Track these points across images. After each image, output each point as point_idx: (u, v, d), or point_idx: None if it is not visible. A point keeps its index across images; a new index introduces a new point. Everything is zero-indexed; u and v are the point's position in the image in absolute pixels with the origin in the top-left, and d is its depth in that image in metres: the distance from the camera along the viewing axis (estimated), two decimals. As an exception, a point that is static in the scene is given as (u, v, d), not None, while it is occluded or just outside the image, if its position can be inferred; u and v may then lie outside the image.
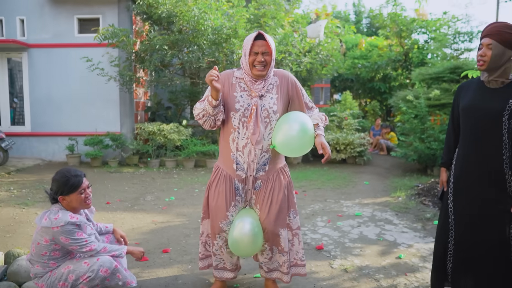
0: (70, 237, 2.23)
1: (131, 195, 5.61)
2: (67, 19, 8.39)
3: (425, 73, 8.97)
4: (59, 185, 2.30)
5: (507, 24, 2.17)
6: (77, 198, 2.32)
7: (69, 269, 2.27)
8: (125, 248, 2.47)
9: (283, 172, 2.51)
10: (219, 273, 2.61)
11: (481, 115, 2.25)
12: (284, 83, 2.43)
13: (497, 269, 2.23)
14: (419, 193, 5.71)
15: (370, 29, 19.77)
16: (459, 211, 2.35)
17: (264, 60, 2.30)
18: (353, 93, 14.16)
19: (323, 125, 2.46)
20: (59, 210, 2.29)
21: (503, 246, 2.22)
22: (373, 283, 2.90)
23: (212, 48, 7.61)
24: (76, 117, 8.55)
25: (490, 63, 2.18)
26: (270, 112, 2.36)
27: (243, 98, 2.37)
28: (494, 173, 2.23)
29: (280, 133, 2.30)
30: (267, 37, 2.29)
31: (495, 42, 2.15)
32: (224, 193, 2.44)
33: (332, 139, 8.42)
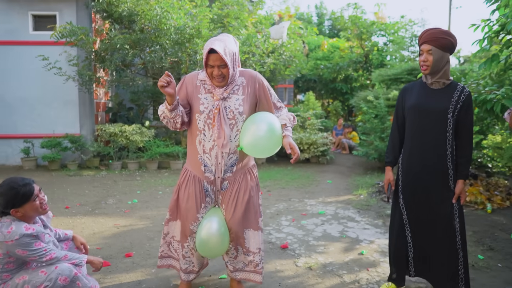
0: (27, 249, 2.10)
1: (92, 199, 5.43)
2: (21, 15, 7.99)
3: (385, 74, 9.29)
4: (8, 199, 2.12)
5: (441, 30, 2.38)
6: (32, 206, 2.18)
7: (24, 279, 2.16)
8: (86, 257, 2.35)
9: (251, 173, 2.50)
10: (187, 276, 2.58)
11: (427, 114, 2.43)
12: (251, 83, 2.39)
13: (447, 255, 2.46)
14: (379, 191, 5.90)
15: (332, 31, 20.22)
16: (410, 207, 2.53)
17: (221, 72, 2.24)
18: (316, 93, 14.43)
19: (291, 125, 2.43)
20: (11, 222, 2.13)
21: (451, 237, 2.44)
22: (337, 279, 2.97)
23: (175, 48, 7.52)
24: (32, 118, 8.16)
25: (433, 67, 2.38)
26: (235, 114, 2.33)
27: (207, 100, 2.33)
28: (439, 168, 2.43)
29: (247, 134, 2.28)
30: (220, 50, 2.16)
31: (434, 47, 2.36)
32: (194, 195, 2.42)
33: (295, 139, 8.53)
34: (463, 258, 2.44)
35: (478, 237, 3.90)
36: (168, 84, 2.17)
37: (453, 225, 2.43)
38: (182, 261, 2.55)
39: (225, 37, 2.29)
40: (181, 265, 2.56)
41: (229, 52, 2.22)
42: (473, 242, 3.76)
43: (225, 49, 2.20)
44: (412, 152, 2.50)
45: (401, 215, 2.56)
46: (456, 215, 2.43)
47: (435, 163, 2.43)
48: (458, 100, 2.37)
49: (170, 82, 2.18)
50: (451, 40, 2.35)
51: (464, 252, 2.45)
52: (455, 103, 2.37)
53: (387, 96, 8.20)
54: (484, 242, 3.76)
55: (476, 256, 3.40)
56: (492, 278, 2.99)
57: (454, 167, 2.43)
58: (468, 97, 2.38)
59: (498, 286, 2.84)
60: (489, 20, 3.96)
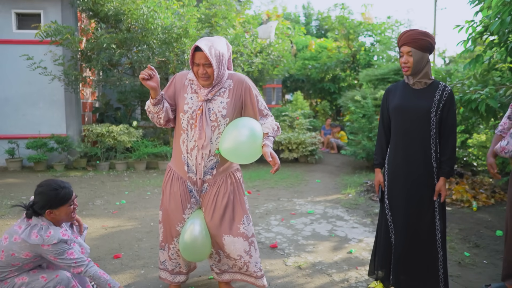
0: (59, 257, 2.09)
1: (79, 200, 5.36)
2: (4, 13, 7.83)
3: (372, 74, 9.38)
4: (48, 198, 2.12)
5: (420, 31, 2.42)
6: (67, 210, 2.18)
7: (23, 281, 2.13)
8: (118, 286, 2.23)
9: (232, 177, 2.45)
10: (174, 277, 2.56)
11: (411, 113, 2.46)
12: (238, 87, 2.36)
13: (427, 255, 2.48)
14: (368, 190, 5.96)
15: (319, 31, 20.32)
16: (394, 208, 2.55)
17: (206, 71, 2.23)
18: (304, 93, 14.50)
19: (274, 135, 2.37)
20: (49, 226, 2.12)
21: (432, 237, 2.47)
22: (326, 278, 2.99)
23: (163, 47, 7.46)
24: (16, 118, 8.01)
25: (414, 68, 2.42)
26: (218, 116, 2.30)
27: (192, 100, 2.33)
28: (424, 168, 2.45)
29: (228, 139, 2.23)
30: (205, 49, 2.16)
31: (414, 49, 2.39)
32: (179, 194, 2.40)
33: (284, 139, 8.56)
34: (443, 258, 2.47)
35: (464, 234, 3.97)
36: (150, 77, 2.19)
37: (434, 223, 2.46)
38: (169, 262, 2.53)
39: (215, 38, 2.28)
40: (168, 266, 2.54)
41: (215, 51, 2.20)
42: (460, 239, 3.83)
43: (211, 48, 2.19)
44: (397, 152, 2.53)
45: (386, 215, 2.59)
46: (437, 212, 2.46)
47: (420, 163, 2.45)
48: (440, 99, 2.41)
49: (152, 75, 2.19)
50: (429, 41, 2.39)
51: (444, 251, 2.47)
52: (437, 102, 2.40)
53: (375, 96, 8.28)
54: (470, 239, 3.82)
55: (463, 253, 3.46)
56: (478, 274, 3.05)
57: (439, 166, 2.46)
58: (450, 96, 2.42)
59: (484, 282, 2.90)
60: (473, 21, 4.04)
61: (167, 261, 2.54)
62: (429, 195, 2.46)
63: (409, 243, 2.49)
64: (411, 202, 2.48)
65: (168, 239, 2.48)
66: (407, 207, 2.48)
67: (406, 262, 2.50)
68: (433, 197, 2.46)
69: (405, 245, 2.50)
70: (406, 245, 2.50)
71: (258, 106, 2.39)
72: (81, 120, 8.37)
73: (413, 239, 2.48)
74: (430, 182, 2.46)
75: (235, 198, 2.44)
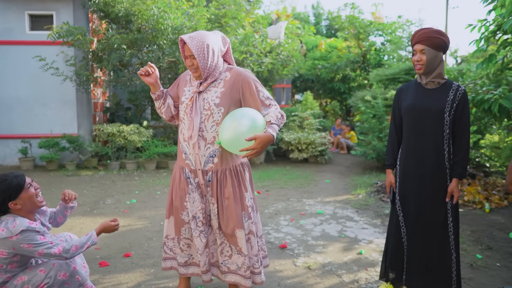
0: (32, 242, 2.08)
1: (90, 199, 5.42)
2: (17, 14, 7.95)
3: (382, 74, 9.31)
4: (2, 191, 2.11)
5: (433, 29, 2.39)
6: (28, 195, 2.17)
7: (23, 280, 2.15)
8: (94, 233, 2.31)
9: (237, 171, 2.42)
10: (186, 269, 2.54)
11: (424, 113, 2.43)
12: (236, 79, 2.36)
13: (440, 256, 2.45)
14: (378, 190, 5.91)
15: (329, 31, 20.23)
16: (406, 209, 2.52)
17: (192, 63, 2.30)
18: (314, 93, 14.44)
19: (278, 123, 2.28)
20: (15, 218, 2.13)
21: (445, 238, 2.44)
22: (336, 279, 2.97)
23: (173, 47, 7.50)
24: (29, 118, 8.13)
25: (426, 67, 2.39)
26: (211, 105, 2.32)
27: (189, 92, 2.42)
28: (436, 169, 2.42)
29: (227, 129, 2.18)
30: (187, 40, 2.23)
31: (427, 47, 2.37)
32: (179, 183, 2.45)
33: (294, 139, 8.54)
34: (456, 260, 2.44)
35: (477, 236, 3.92)
36: (148, 73, 2.35)
37: (446, 225, 2.43)
38: (180, 255, 2.53)
39: (205, 32, 2.32)
40: (179, 259, 2.53)
41: (197, 42, 2.24)
42: (472, 241, 3.78)
43: (193, 40, 2.24)
44: (409, 153, 2.50)
45: (398, 216, 2.56)
46: (450, 214, 2.43)
47: (433, 164, 2.42)
48: (454, 99, 2.37)
49: (151, 72, 2.36)
50: (443, 39, 2.36)
51: (457, 253, 2.44)
52: (451, 102, 2.37)
53: (385, 96, 8.21)
54: (482, 241, 3.77)
55: (475, 255, 3.42)
56: (490, 277, 3.01)
57: (451, 167, 2.43)
58: (464, 96, 2.38)
59: (496, 285, 2.85)
60: (486, 20, 3.98)
61: (179, 255, 2.53)
62: (441, 197, 2.43)
63: (421, 245, 2.46)
64: (423, 204, 2.45)
65: (177, 230, 2.49)
66: (419, 208, 2.45)
67: (419, 264, 2.48)
68: (445, 198, 2.42)
69: (418, 247, 2.47)
70: (418, 247, 2.47)
71: (259, 97, 2.34)
72: (92, 120, 8.45)
73: (426, 241, 2.46)
74: (442, 183, 2.42)
75: (235, 193, 2.40)
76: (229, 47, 2.47)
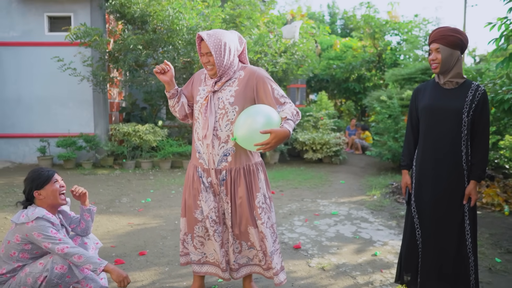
0: (43, 233, 2.17)
1: (106, 198, 5.49)
2: (37, 16, 8.13)
3: (398, 74, 9.19)
4: (32, 179, 2.29)
5: (449, 27, 2.35)
6: (52, 189, 2.30)
7: (26, 272, 2.22)
8: (105, 264, 2.20)
9: (251, 170, 2.41)
10: (200, 267, 2.55)
11: (441, 114, 2.38)
12: (250, 77, 2.36)
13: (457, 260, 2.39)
14: (393, 191, 5.84)
15: (344, 31, 20.07)
16: (421, 210, 2.47)
17: (208, 60, 2.32)
18: (329, 93, 14.35)
19: (294, 120, 2.27)
20: (36, 207, 2.27)
21: (462, 241, 2.38)
22: (350, 281, 2.95)
23: (188, 48, 7.55)
24: (48, 118, 8.30)
25: (442, 65, 2.35)
26: (226, 104, 2.33)
27: (204, 91, 2.42)
28: (453, 170, 2.37)
29: (242, 126, 2.18)
30: (205, 37, 2.26)
31: (442, 45, 2.33)
32: (192, 182, 2.46)
33: (308, 139, 8.51)
34: (474, 263, 2.38)
35: (495, 239, 3.83)
36: (164, 72, 2.37)
37: (463, 228, 2.37)
38: (194, 253, 2.53)
39: (222, 30, 2.35)
40: (193, 257, 2.54)
41: (215, 40, 2.27)
42: (490, 244, 3.70)
43: (211, 37, 2.26)
44: (426, 154, 2.45)
45: (413, 218, 2.52)
46: (467, 217, 2.37)
47: (449, 166, 2.37)
48: (473, 99, 2.32)
49: (166, 70, 2.37)
50: (459, 37, 2.31)
51: (475, 257, 2.38)
52: (469, 103, 2.32)
53: (401, 96, 8.11)
54: (501, 245, 3.69)
55: (493, 259, 3.34)
56: (510, 282, 2.94)
57: (469, 169, 2.38)
58: (483, 96, 2.33)
59: (516, 289, 2.79)
60: (506, 18, 3.88)
61: (192, 253, 2.54)
62: (458, 199, 2.38)
63: (436, 248, 2.41)
64: (439, 206, 2.40)
65: (190, 228, 2.50)
66: (435, 210, 2.41)
67: (434, 267, 2.43)
68: (462, 200, 2.38)
69: (432, 249, 2.43)
70: (433, 249, 2.42)
71: (274, 95, 2.33)
72: (108, 119, 8.58)
73: (441, 244, 2.40)
74: (459, 185, 2.37)
75: (248, 192, 2.40)
76: (245, 47, 2.48)
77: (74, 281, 2.27)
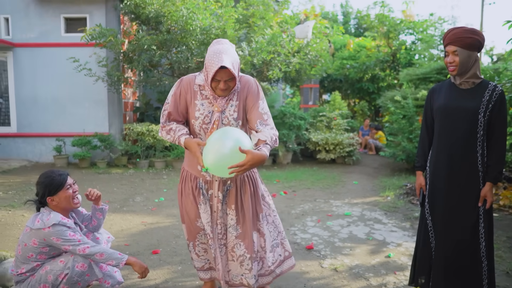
0: (61, 237, 2.21)
1: (120, 196, 5.56)
2: (54, 18, 8.27)
3: (413, 73, 9.07)
4: (45, 185, 2.29)
5: (466, 28, 2.29)
6: (65, 195, 2.31)
7: (46, 269, 2.26)
8: (126, 258, 2.31)
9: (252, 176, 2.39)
10: (205, 273, 2.54)
11: (457, 114, 2.33)
12: (245, 89, 2.28)
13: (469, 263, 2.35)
14: (407, 193, 5.77)
15: (358, 30, 19.91)
16: (435, 212, 2.44)
17: (228, 85, 2.16)
18: (342, 93, 14.24)
19: (271, 145, 2.16)
20: (50, 212, 2.28)
21: (475, 245, 2.33)
22: (363, 282, 2.92)
23: (201, 48, 7.58)
24: (63, 117, 8.44)
25: (460, 68, 2.30)
26: (230, 120, 2.25)
27: (203, 106, 2.26)
28: (468, 172, 2.33)
29: (211, 153, 2.01)
30: (230, 66, 2.07)
31: (460, 48, 2.27)
32: (192, 192, 2.37)
33: (321, 139, 8.47)
34: (488, 268, 2.32)
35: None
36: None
37: (477, 231, 2.32)
38: (197, 260, 2.51)
39: (227, 47, 2.17)
40: (196, 264, 2.52)
41: (236, 64, 2.14)
42: (508, 248, 3.62)
43: (233, 63, 2.12)
44: (440, 155, 2.41)
45: (426, 220, 2.48)
46: (481, 219, 2.32)
47: (464, 167, 2.32)
48: (489, 100, 2.27)
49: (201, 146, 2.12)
50: (477, 38, 2.26)
51: (490, 261, 2.33)
52: (486, 103, 2.27)
53: (416, 96, 8.00)
54: (518, 247, 3.61)
55: (511, 262, 3.27)
56: (527, 285, 2.87)
57: (485, 171, 2.33)
58: (501, 96, 2.28)
59: (534, 293, 2.73)
60: (526, 16, 3.80)
61: (195, 260, 2.52)
62: (472, 201, 2.33)
63: (450, 250, 2.37)
64: (453, 208, 2.36)
65: (192, 237, 2.45)
66: (449, 212, 2.37)
67: (446, 270, 2.39)
68: (477, 202, 2.33)
69: (445, 252, 2.38)
70: (446, 252, 2.38)
71: (260, 110, 2.26)
72: (122, 119, 8.67)
73: (454, 246, 2.36)
74: (474, 187, 2.33)
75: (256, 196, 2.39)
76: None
77: (93, 279, 2.30)
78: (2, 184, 6.23)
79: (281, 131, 8.26)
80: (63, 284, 2.23)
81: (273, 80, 8.92)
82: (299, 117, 8.64)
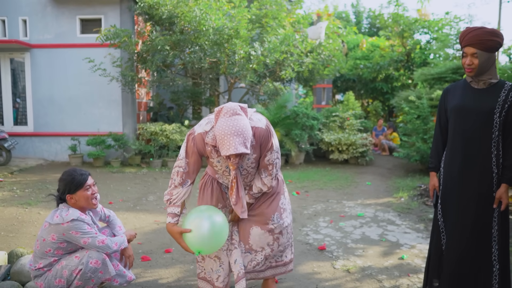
0: (80, 230, 2.28)
1: (134, 195, 5.61)
2: (70, 19, 8.41)
3: (428, 73, 8.95)
4: (66, 183, 2.36)
5: (487, 30, 2.22)
6: (84, 195, 2.37)
7: (62, 265, 2.31)
8: (126, 238, 2.56)
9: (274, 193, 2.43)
10: (201, 283, 2.49)
11: (473, 114, 2.29)
12: (259, 142, 2.23)
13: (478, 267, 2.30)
14: (421, 194, 5.70)
15: (370, 30, 19.74)
16: (447, 214, 2.40)
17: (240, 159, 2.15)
18: (355, 93, 14.13)
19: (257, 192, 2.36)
20: (69, 208, 2.35)
21: (486, 248, 2.28)
22: (376, 284, 2.89)
23: (214, 48, 7.62)
24: (79, 117, 8.57)
25: (479, 70, 2.26)
26: (249, 170, 2.30)
27: (220, 163, 2.28)
28: (482, 173, 2.28)
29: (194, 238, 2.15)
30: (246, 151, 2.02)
31: (480, 51, 2.22)
32: (214, 193, 2.41)
33: (334, 140, 8.42)
34: (500, 272, 2.26)
35: (530, 245, 3.67)
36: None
37: (490, 233, 2.27)
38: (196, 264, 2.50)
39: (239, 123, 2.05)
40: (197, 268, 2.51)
41: (247, 140, 2.05)
42: (524, 250, 3.55)
43: (245, 142, 2.02)
44: (454, 155, 2.36)
45: (438, 221, 2.44)
46: (495, 222, 2.26)
47: (479, 168, 2.28)
48: (506, 100, 2.22)
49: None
50: (498, 41, 2.21)
51: (503, 265, 2.27)
52: (502, 103, 2.22)
53: (430, 96, 7.89)
54: (536, 251, 3.53)
55: (528, 265, 3.21)
56: (545, 289, 2.81)
57: (500, 172, 2.27)
58: None
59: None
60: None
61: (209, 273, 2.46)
62: (486, 202, 2.28)
63: (460, 254, 2.32)
64: (466, 209, 2.31)
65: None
66: (461, 214, 2.32)
67: (456, 273, 2.34)
68: (491, 204, 2.27)
69: (455, 255, 2.33)
70: (456, 255, 2.33)
71: (265, 161, 2.27)
72: (136, 119, 8.77)
73: (465, 249, 2.31)
74: (488, 188, 2.27)
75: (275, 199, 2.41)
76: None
77: (106, 278, 2.34)
78: (19, 182, 6.36)
79: (294, 131, 8.24)
80: (77, 280, 2.28)
81: (286, 80, 8.91)
82: (312, 117, 8.61)
